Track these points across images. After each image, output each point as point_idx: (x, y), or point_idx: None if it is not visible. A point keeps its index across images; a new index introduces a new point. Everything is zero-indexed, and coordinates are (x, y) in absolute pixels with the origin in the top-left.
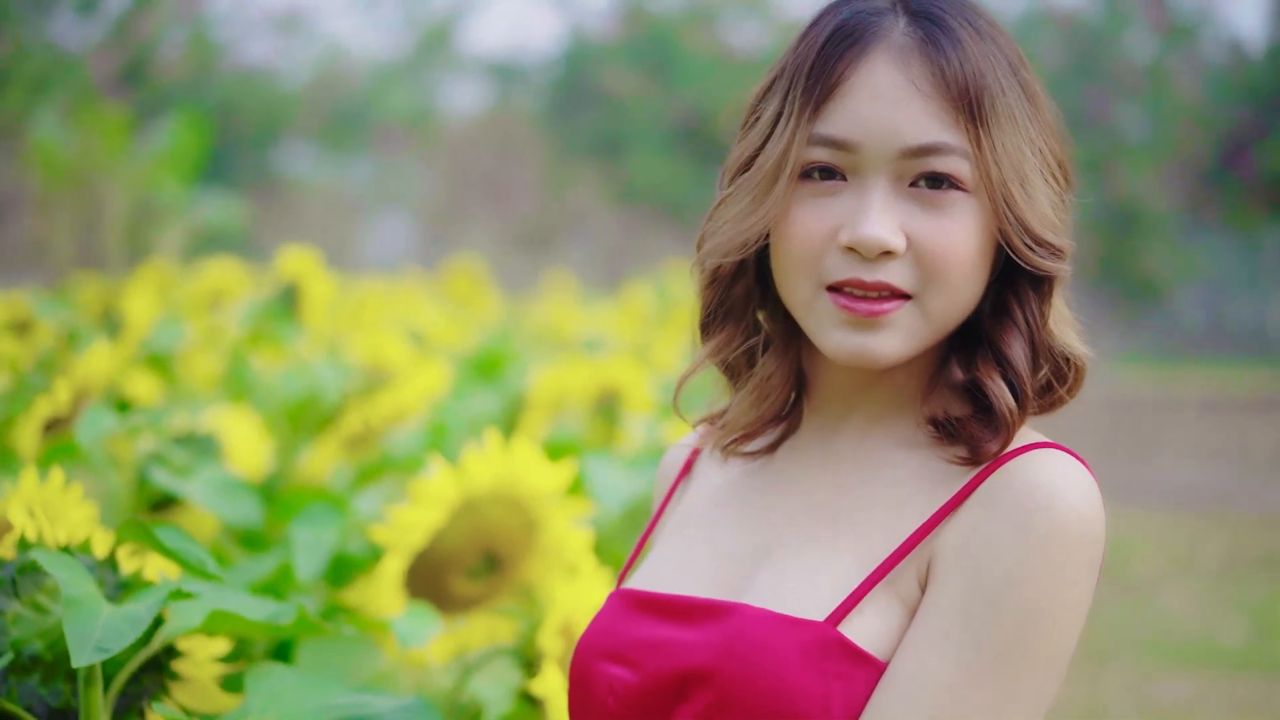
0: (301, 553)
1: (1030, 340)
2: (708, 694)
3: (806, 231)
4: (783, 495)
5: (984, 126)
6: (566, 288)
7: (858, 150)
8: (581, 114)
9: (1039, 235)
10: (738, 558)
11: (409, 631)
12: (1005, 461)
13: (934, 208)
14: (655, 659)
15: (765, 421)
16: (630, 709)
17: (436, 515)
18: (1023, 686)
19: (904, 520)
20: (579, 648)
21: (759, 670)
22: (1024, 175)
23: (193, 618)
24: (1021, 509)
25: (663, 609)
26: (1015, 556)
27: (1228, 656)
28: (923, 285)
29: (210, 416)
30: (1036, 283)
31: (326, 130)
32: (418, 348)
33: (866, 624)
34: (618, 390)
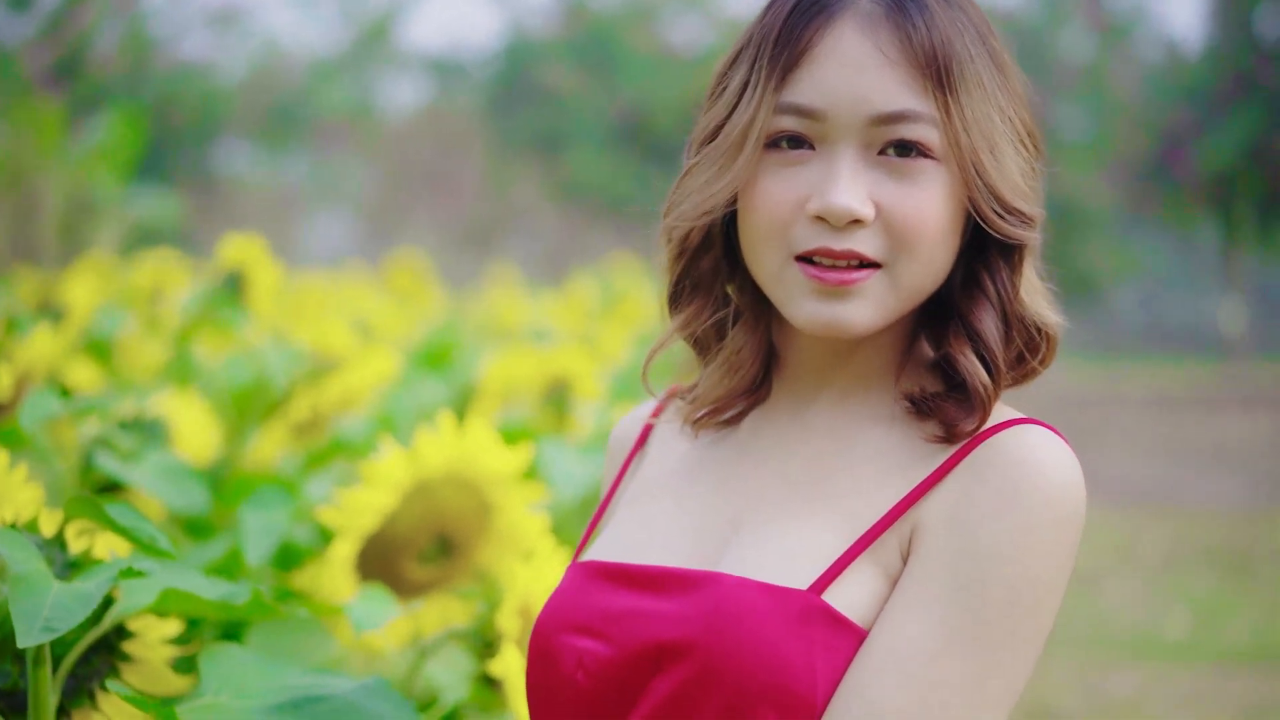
0: (251, 536)
1: (1001, 311)
2: (687, 665)
3: (774, 201)
4: (754, 466)
5: (953, 94)
6: (510, 281)
7: (825, 118)
8: (522, 111)
9: (1009, 203)
10: (708, 528)
11: (364, 615)
12: (990, 435)
13: (903, 176)
14: (629, 630)
15: (735, 395)
16: (602, 682)
17: (388, 498)
18: (1003, 658)
19: (886, 491)
20: (541, 621)
21: (742, 640)
22: (994, 143)
23: (144, 597)
24: (1009, 482)
25: (633, 580)
26: (1003, 529)
27: (1172, 649)
28: (893, 254)
29: (157, 401)
30: (1007, 252)
31: (264, 127)
32: (363, 339)
33: (849, 593)
34: (567, 379)
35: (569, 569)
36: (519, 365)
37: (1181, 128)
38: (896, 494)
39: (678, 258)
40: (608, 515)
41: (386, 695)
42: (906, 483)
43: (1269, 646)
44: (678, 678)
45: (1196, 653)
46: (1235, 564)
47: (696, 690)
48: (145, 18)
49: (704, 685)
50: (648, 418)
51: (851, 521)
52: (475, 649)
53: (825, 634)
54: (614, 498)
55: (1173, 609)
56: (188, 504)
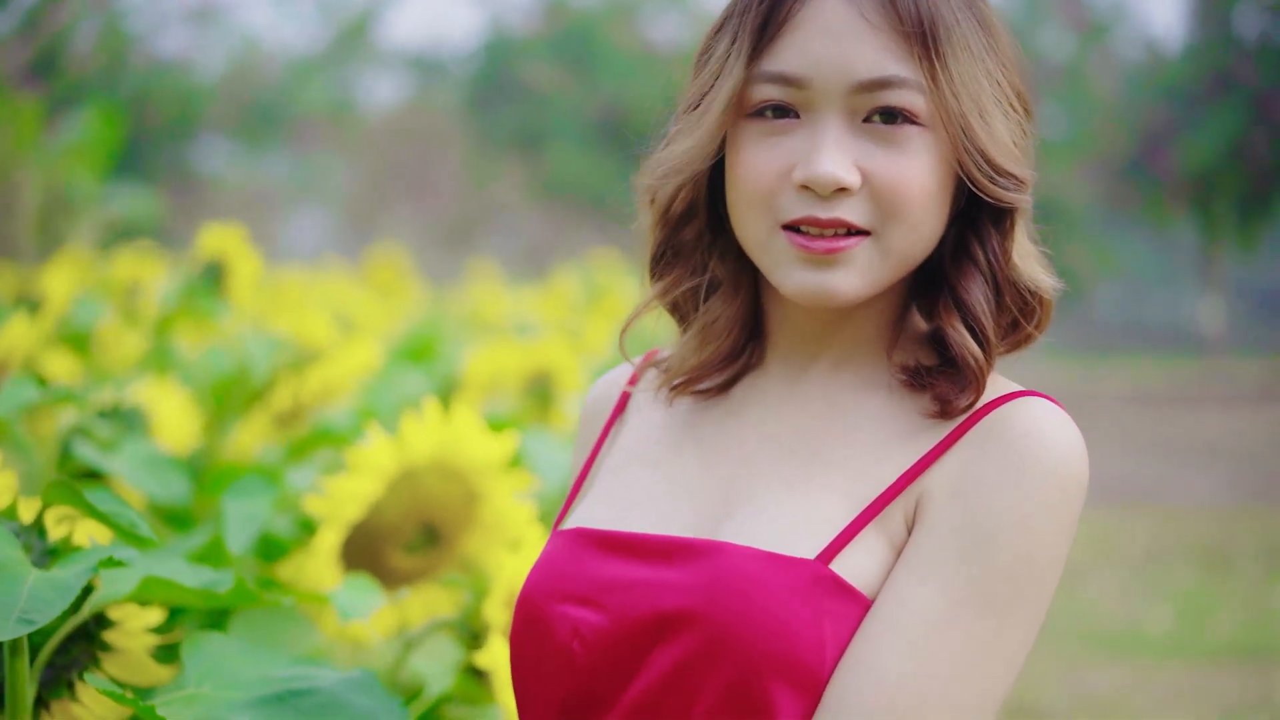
0: (233, 525)
1: (992, 278)
2: (692, 635)
3: (759, 170)
4: (749, 434)
5: (939, 58)
6: (491, 276)
7: (809, 86)
8: (502, 108)
9: (1000, 166)
10: (701, 495)
11: (349, 604)
12: (995, 407)
13: (889, 143)
14: (628, 600)
15: (711, 365)
16: (599, 653)
17: (373, 486)
18: (1007, 627)
19: (890, 461)
20: (529, 589)
21: (750, 610)
22: (982, 106)
23: (124, 585)
24: (1016, 453)
25: (630, 548)
26: (1010, 500)
27: (1155, 645)
28: (881, 221)
29: (136, 390)
30: (998, 217)
31: (243, 124)
32: (344, 332)
33: (857, 563)
34: (551, 372)
35: (557, 536)
36: (502, 358)
37: (1161, 126)
38: (901, 464)
39: (659, 225)
40: (588, 483)
41: (372, 689)
42: (911, 452)
43: (1251, 643)
44: (681, 649)
45: (1179, 649)
46: (1217, 560)
47: (701, 661)
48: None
49: (709, 656)
50: (625, 385)
51: (856, 491)
52: (462, 639)
53: (834, 604)
54: (593, 465)
55: (1155, 606)
56: (168, 493)
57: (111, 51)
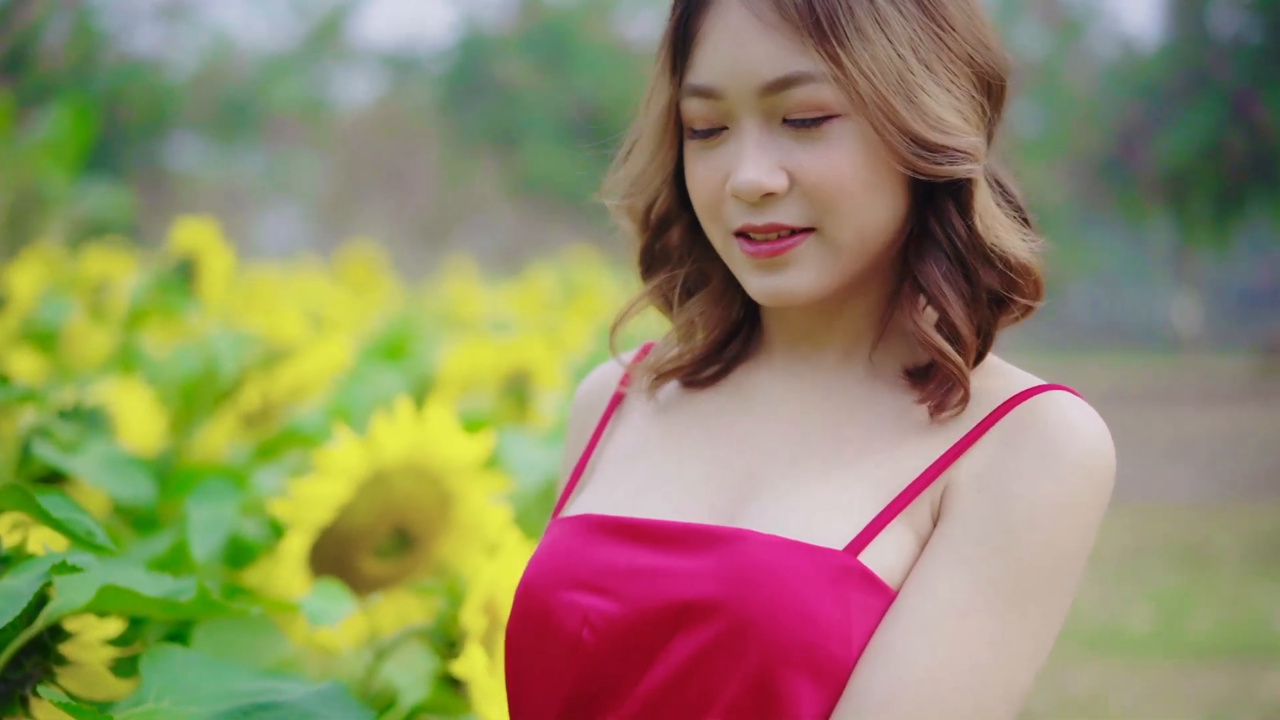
0: (197, 530)
1: (956, 254)
2: (714, 624)
3: (702, 184)
4: (763, 424)
5: (840, 44)
6: (466, 272)
7: (723, 95)
8: (477, 105)
9: (931, 141)
10: (719, 484)
11: (319, 611)
12: (1023, 399)
13: (811, 139)
14: (645, 587)
15: (703, 355)
16: (611, 642)
17: (343, 488)
18: (1032, 620)
19: (916, 452)
20: (532, 577)
21: (775, 599)
22: (906, 82)
23: (81, 594)
24: (1045, 446)
25: (643, 534)
26: (1039, 492)
27: (1135, 644)
28: (819, 217)
29: (99, 389)
30: (955, 191)
31: (216, 121)
32: (316, 329)
33: (884, 555)
34: (528, 370)
35: (555, 524)
36: (478, 355)
37: (1136, 125)
38: (927, 455)
39: (641, 231)
40: (586, 475)
41: (342, 702)
42: (937, 444)
43: (1232, 641)
44: (702, 638)
45: (1158, 648)
46: (1196, 558)
47: (723, 651)
48: (94, 12)
49: (732, 646)
50: (619, 378)
51: (882, 482)
52: (437, 648)
53: (861, 596)
54: (591, 457)
55: (1135, 604)
56: (131, 495)
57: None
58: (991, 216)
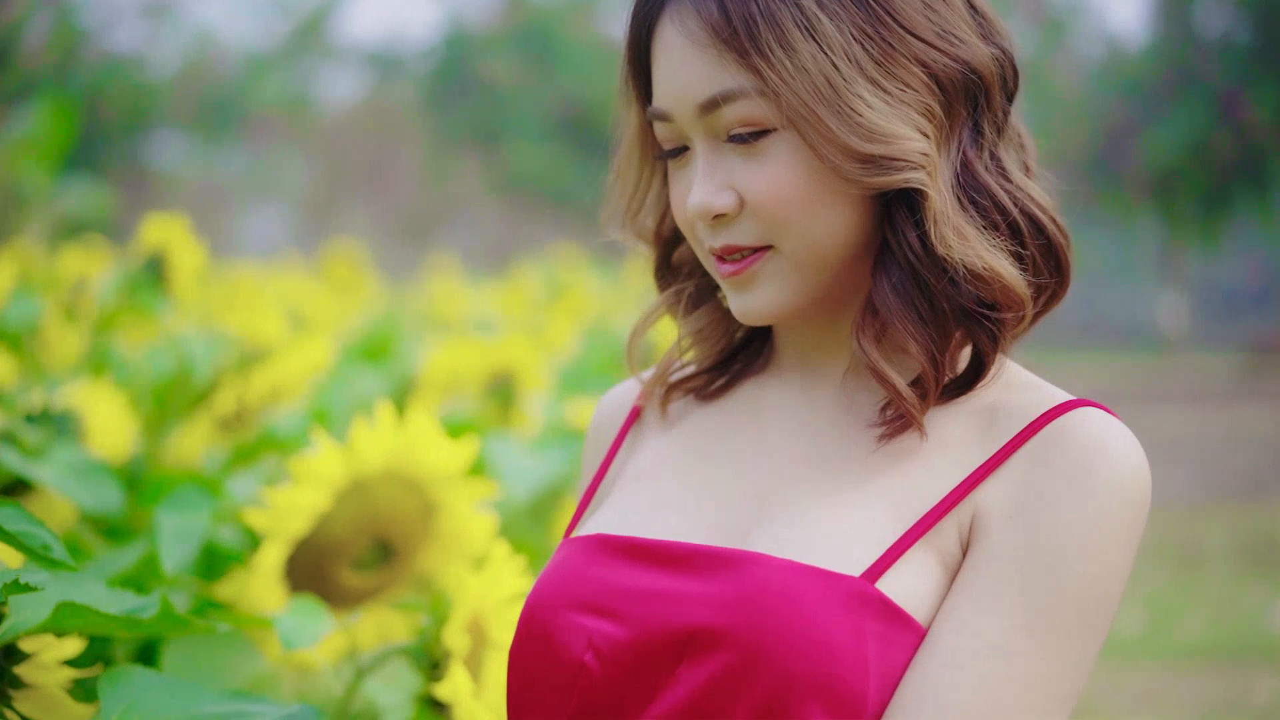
0: (168, 541)
1: (908, 267)
2: (724, 652)
3: (677, 207)
4: (773, 436)
5: (763, 56)
6: (450, 271)
7: (673, 118)
8: (461, 103)
9: (861, 151)
10: (732, 504)
11: (294, 629)
12: (1052, 418)
13: (751, 156)
14: (652, 611)
15: (703, 373)
16: (616, 667)
17: (321, 497)
18: (1075, 651)
19: (938, 474)
20: (537, 596)
21: (788, 626)
22: (836, 91)
23: (37, 613)
24: (1080, 470)
25: (653, 556)
26: (1076, 520)
27: (1125, 646)
28: (771, 235)
29: (67, 393)
30: (908, 201)
31: (198, 119)
32: (297, 329)
33: (905, 583)
34: (513, 371)
35: (566, 543)
36: (462, 356)
37: (1123, 123)
38: (951, 477)
39: (653, 246)
40: (600, 494)
41: None
42: (960, 464)
43: (1223, 643)
44: (711, 666)
45: (1150, 650)
46: (1186, 560)
47: (733, 679)
48: (75, 9)
49: (742, 674)
50: (635, 399)
51: (902, 504)
52: (420, 667)
53: (879, 625)
54: (605, 476)
55: (1127, 607)
56: (101, 503)
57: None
58: (947, 224)
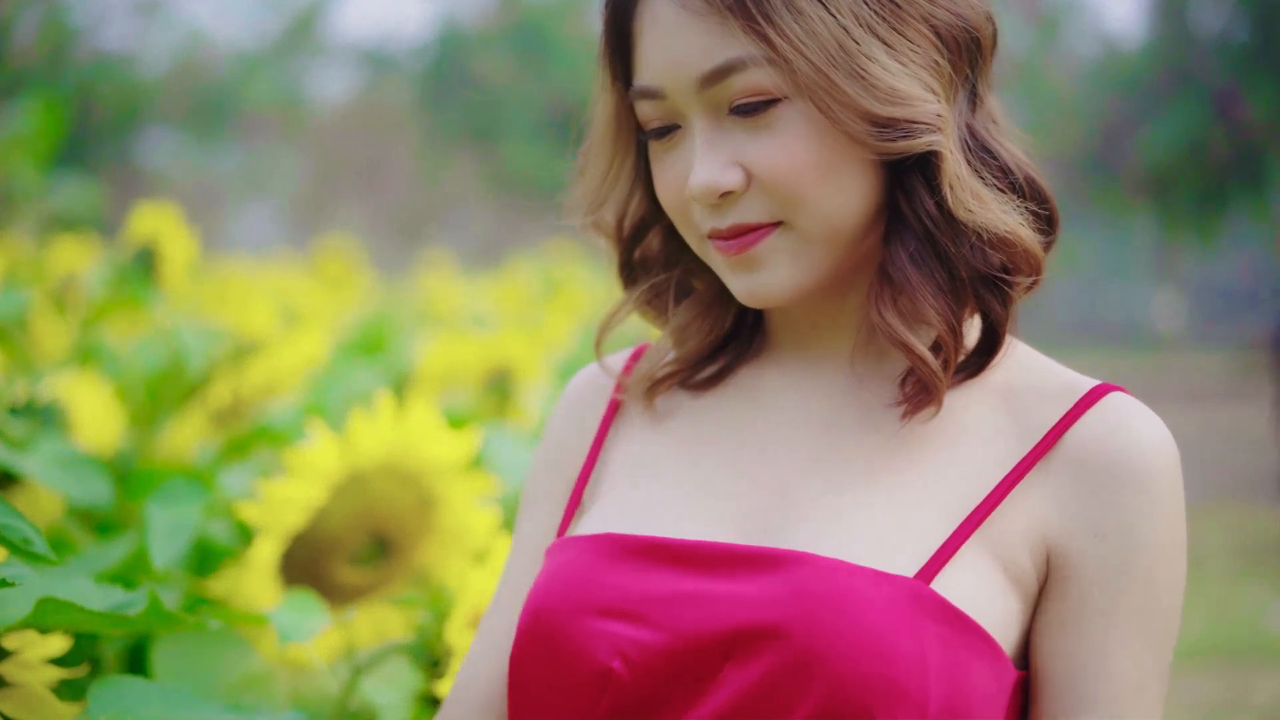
0: (158, 535)
1: (924, 234)
2: (776, 652)
3: (666, 189)
4: (784, 431)
5: (769, 21)
6: (444, 267)
7: (665, 95)
8: (455, 101)
9: (882, 116)
10: (745, 498)
11: (291, 624)
12: (1085, 409)
13: (759, 129)
14: (689, 615)
15: (691, 365)
16: (649, 673)
17: (317, 491)
18: (1168, 658)
19: (975, 464)
20: (542, 603)
21: (849, 629)
22: (848, 53)
23: (17, 608)
24: (1144, 477)
25: (680, 557)
26: (1151, 531)
27: None
28: (783, 210)
29: (54, 384)
30: (922, 165)
31: (190, 117)
32: (290, 324)
33: (960, 582)
34: (510, 366)
35: (566, 543)
36: (459, 351)
37: (1118, 121)
38: (989, 468)
39: (616, 244)
40: (591, 490)
41: None
42: (996, 456)
43: (1222, 643)
44: (762, 667)
45: None
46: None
47: (788, 681)
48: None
49: (796, 679)
50: (611, 391)
51: (943, 498)
52: (420, 665)
53: (937, 627)
54: (594, 470)
55: None
56: (89, 497)
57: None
58: (964, 187)
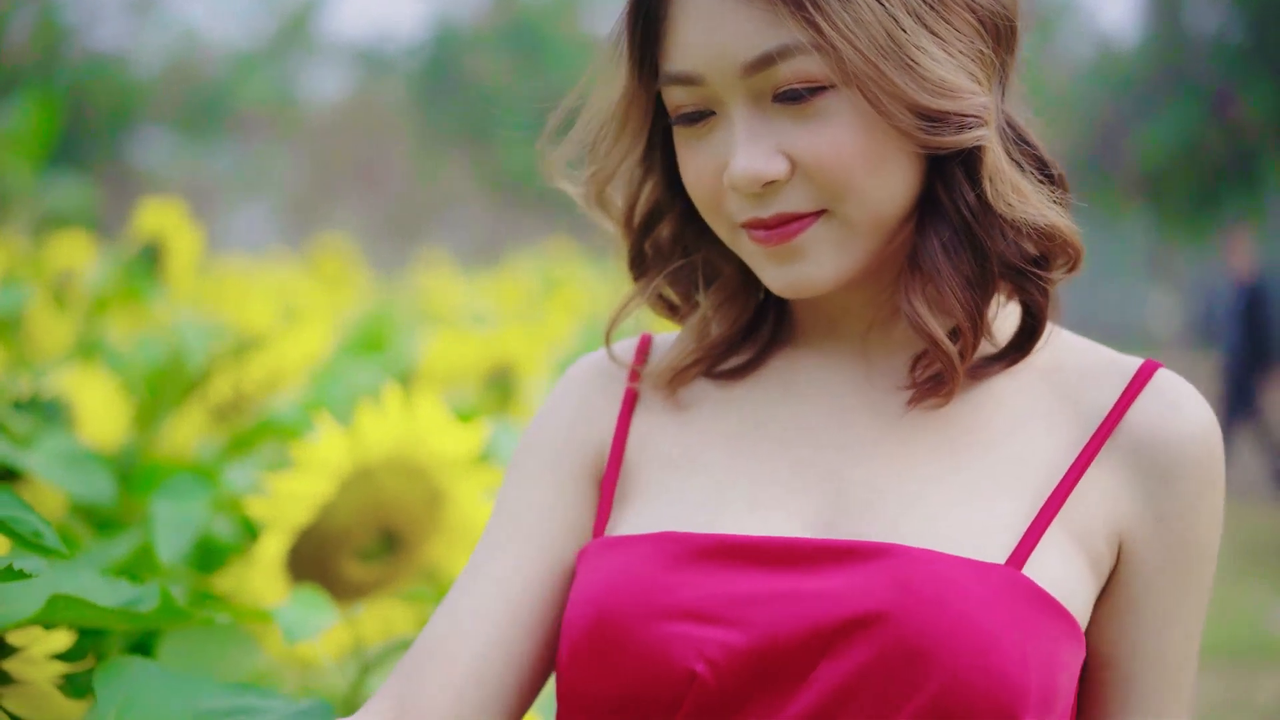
0: (163, 530)
1: (961, 225)
2: (878, 647)
3: (697, 177)
4: (835, 421)
5: (816, 9)
6: (442, 265)
7: (703, 81)
8: (450, 100)
9: (930, 108)
10: (803, 489)
11: (298, 621)
12: (1139, 390)
13: (806, 117)
14: (777, 614)
15: (717, 354)
16: (736, 675)
17: (325, 485)
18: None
19: (1044, 452)
20: (611, 604)
21: (953, 617)
22: (897, 43)
23: (27, 604)
24: (1201, 461)
25: (754, 554)
26: (1208, 512)
27: None
28: (828, 199)
29: (56, 380)
30: (965, 156)
31: (184, 117)
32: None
33: (1048, 566)
34: (511, 363)
35: (621, 543)
36: (460, 349)
37: (1114, 122)
38: (1060, 455)
39: (627, 232)
40: (624, 488)
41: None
42: (1064, 442)
43: (1225, 644)
44: (863, 662)
45: None
46: None
47: (894, 678)
48: (58, 7)
49: (902, 674)
50: (628, 377)
51: (1016, 482)
52: None
53: (1033, 613)
54: (622, 466)
55: None
56: (92, 493)
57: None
58: (1004, 180)
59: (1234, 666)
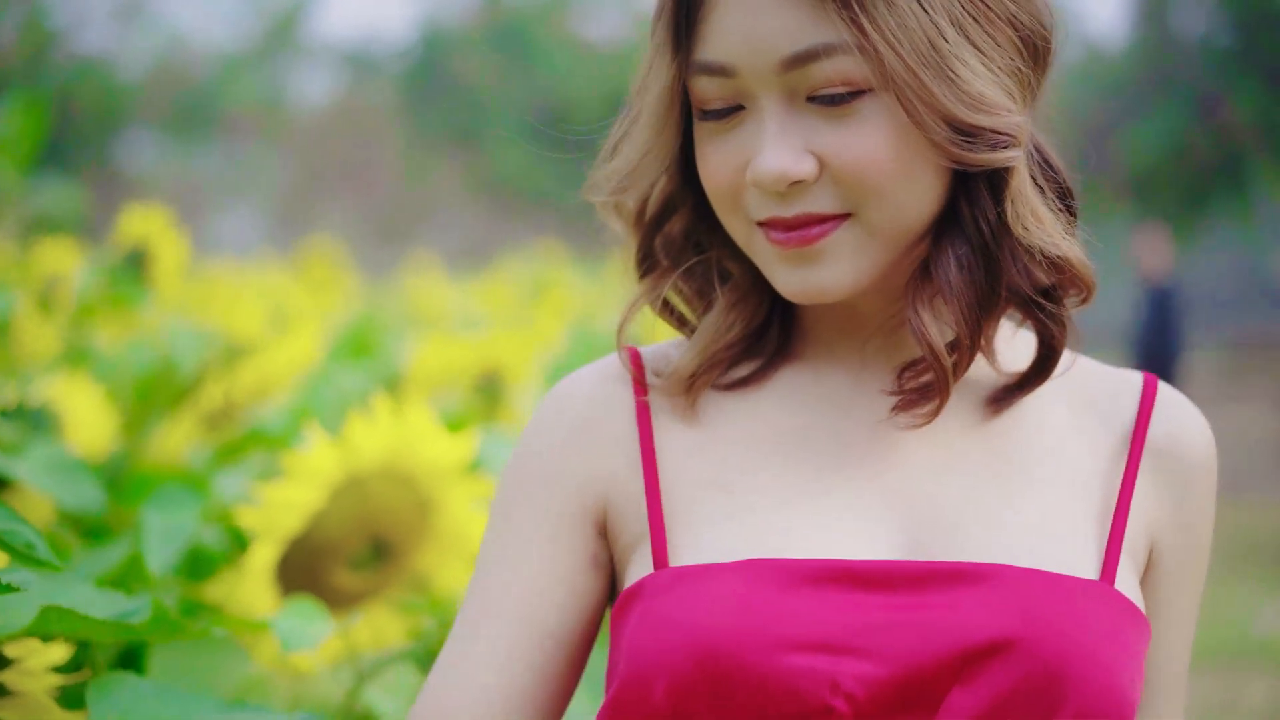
0: (153, 540)
1: (979, 242)
2: (1009, 671)
3: (716, 172)
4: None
5: (864, 12)
6: (430, 269)
7: (737, 73)
8: (438, 103)
9: (965, 121)
10: (884, 511)
11: (294, 631)
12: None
13: (840, 118)
14: (910, 640)
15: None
16: (875, 709)
17: (315, 494)
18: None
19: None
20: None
21: (1078, 638)
22: (939, 53)
23: (21, 616)
24: (1209, 469)
25: (863, 580)
26: (1210, 518)
27: None
28: (854, 202)
29: (44, 387)
30: (992, 175)
31: (172, 119)
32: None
33: (1126, 579)
34: (500, 368)
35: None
36: (449, 353)
37: (1102, 125)
38: (1109, 470)
39: (636, 229)
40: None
41: None
42: (1106, 457)
43: (1213, 646)
44: (997, 687)
45: None
46: None
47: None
48: (45, 10)
49: (1045, 692)
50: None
51: (1080, 501)
52: (423, 671)
53: (1129, 628)
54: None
55: None
56: (80, 502)
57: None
58: (1025, 204)
59: (1224, 668)
